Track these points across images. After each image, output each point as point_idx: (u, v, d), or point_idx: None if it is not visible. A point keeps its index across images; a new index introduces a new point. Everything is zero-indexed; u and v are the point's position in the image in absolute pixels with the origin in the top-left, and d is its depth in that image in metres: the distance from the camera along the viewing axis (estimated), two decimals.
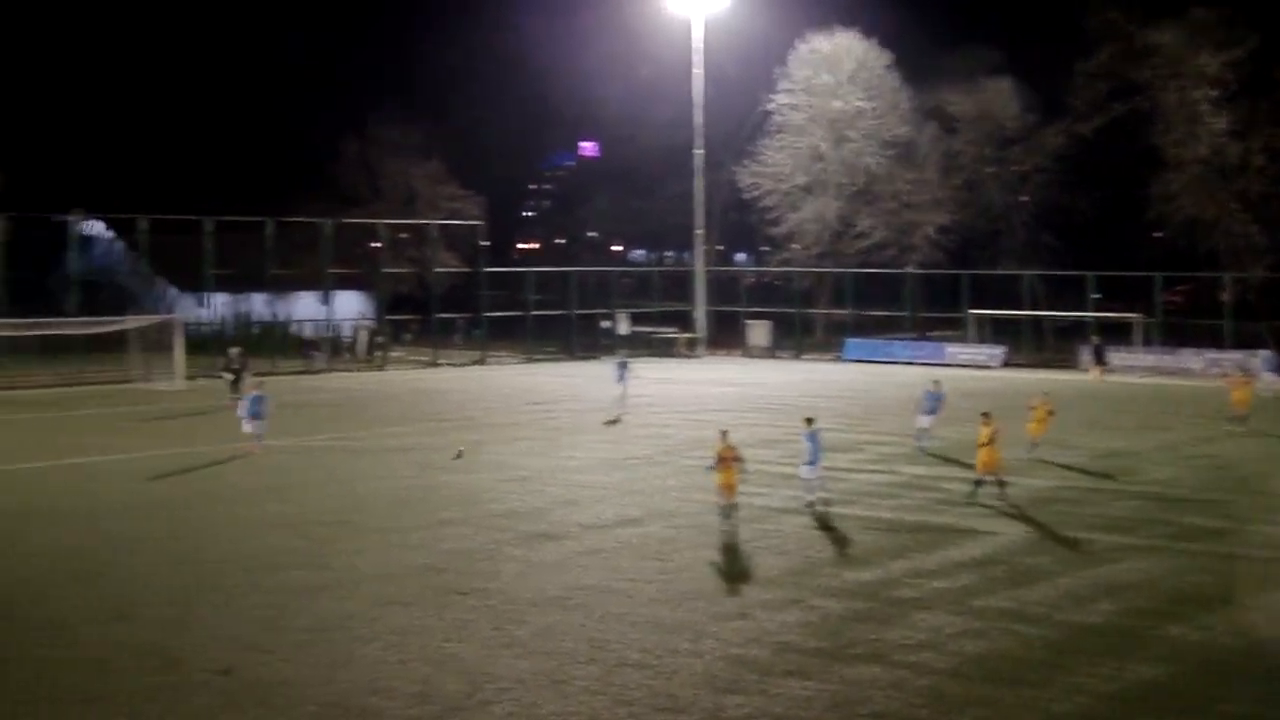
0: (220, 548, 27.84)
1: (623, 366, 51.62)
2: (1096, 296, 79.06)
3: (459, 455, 34.01)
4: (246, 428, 41.11)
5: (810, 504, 31.53)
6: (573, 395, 59.81)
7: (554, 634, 21.70)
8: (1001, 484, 33.10)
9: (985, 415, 33.56)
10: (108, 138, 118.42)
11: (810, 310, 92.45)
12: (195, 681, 19.18)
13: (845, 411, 52.66)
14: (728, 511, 29.54)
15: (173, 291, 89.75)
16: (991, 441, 32.94)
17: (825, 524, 30.33)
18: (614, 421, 48.91)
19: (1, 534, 29.44)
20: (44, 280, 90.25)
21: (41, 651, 20.58)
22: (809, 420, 32.02)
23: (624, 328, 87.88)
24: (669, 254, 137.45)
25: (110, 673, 19.58)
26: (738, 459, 29.82)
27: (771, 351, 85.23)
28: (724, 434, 30.53)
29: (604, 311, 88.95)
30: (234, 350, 57.41)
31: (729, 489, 29.64)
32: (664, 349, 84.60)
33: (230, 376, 55.01)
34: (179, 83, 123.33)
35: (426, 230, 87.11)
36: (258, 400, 41.64)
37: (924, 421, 41.67)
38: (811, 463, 31.56)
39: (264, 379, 48.93)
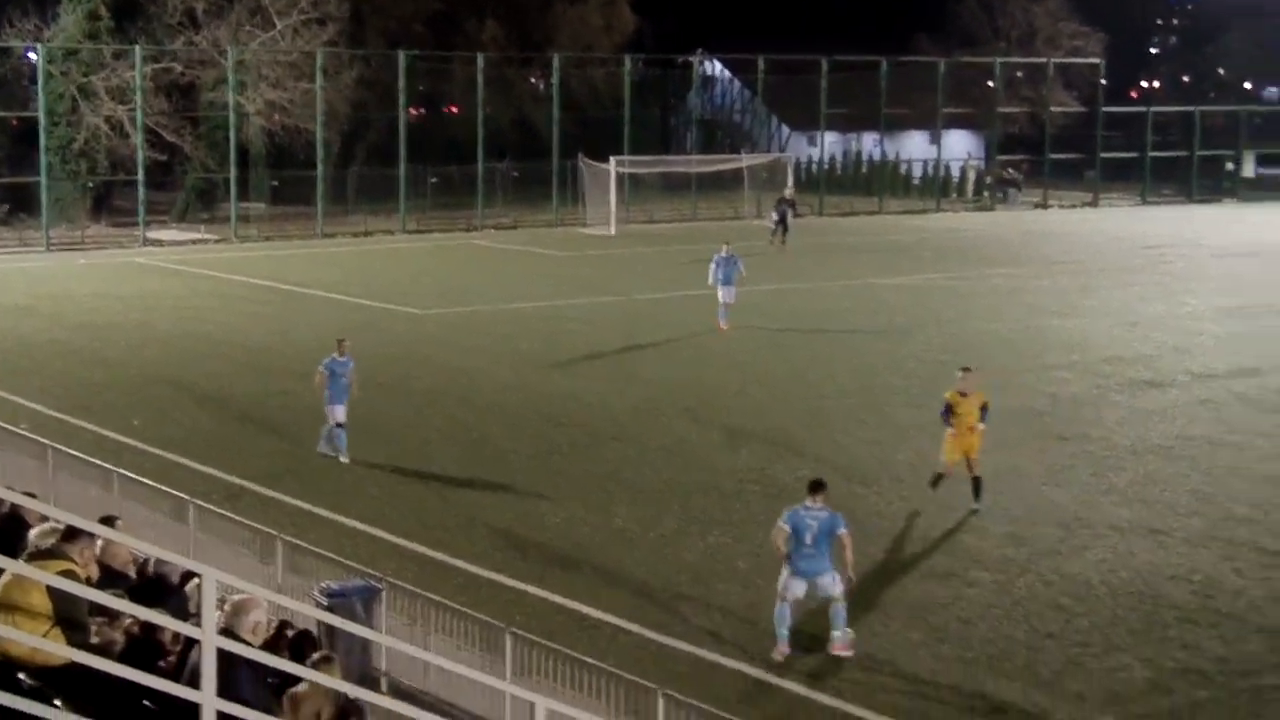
0: (830, 383, 28.71)
1: None
2: None
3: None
4: (721, 296, 34.50)
5: None
6: (1191, 240, 57.52)
7: (1155, 483, 21.34)
8: None
9: None
10: None
11: None
12: None
13: None
14: None
15: (785, 130, 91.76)
16: None
17: None
18: None
19: (618, 364, 31.29)
20: (666, 119, 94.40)
21: (664, 474, 21.99)
22: None
23: (1249, 169, 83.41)
24: None
25: (724, 496, 20.72)
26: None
27: None
28: (965, 371, 20.89)
29: (1228, 153, 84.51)
30: (787, 190, 56.19)
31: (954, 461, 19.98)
32: None
33: (775, 218, 53.26)
34: None
35: (1043, 69, 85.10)
36: (729, 261, 34.78)
37: None
38: None
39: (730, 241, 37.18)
